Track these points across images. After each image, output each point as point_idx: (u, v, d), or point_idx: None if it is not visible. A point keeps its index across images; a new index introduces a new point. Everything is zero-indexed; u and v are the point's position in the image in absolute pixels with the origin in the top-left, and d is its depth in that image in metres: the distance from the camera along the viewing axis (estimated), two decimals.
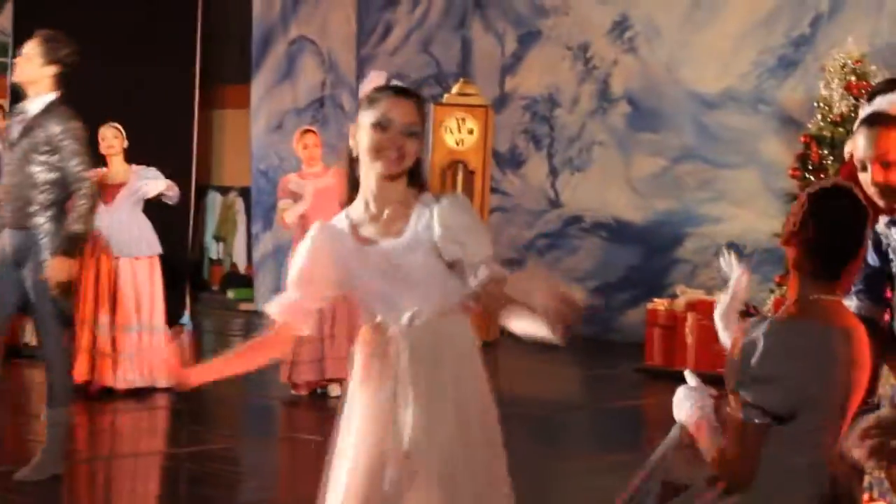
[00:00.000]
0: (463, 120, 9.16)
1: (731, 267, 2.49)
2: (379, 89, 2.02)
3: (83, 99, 5.64)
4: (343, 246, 1.98)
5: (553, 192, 10.34)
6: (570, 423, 7.39)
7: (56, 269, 4.35)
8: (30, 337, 7.42)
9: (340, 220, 2.05)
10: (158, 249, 7.23)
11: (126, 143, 7.11)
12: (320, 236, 2.01)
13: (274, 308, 2.03)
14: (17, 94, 5.71)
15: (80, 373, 6.30)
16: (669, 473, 2.27)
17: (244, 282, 11.20)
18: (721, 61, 9.45)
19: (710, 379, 2.43)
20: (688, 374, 2.36)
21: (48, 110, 4.38)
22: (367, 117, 1.94)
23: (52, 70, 4.44)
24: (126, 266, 7.03)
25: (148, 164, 7.13)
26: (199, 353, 8.41)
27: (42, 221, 4.45)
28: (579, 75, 10.09)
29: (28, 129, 4.37)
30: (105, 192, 6.79)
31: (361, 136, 1.93)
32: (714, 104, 9.41)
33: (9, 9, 10.97)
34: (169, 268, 7.88)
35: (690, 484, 2.24)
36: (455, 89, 9.35)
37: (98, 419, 6.40)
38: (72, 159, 4.39)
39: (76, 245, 4.55)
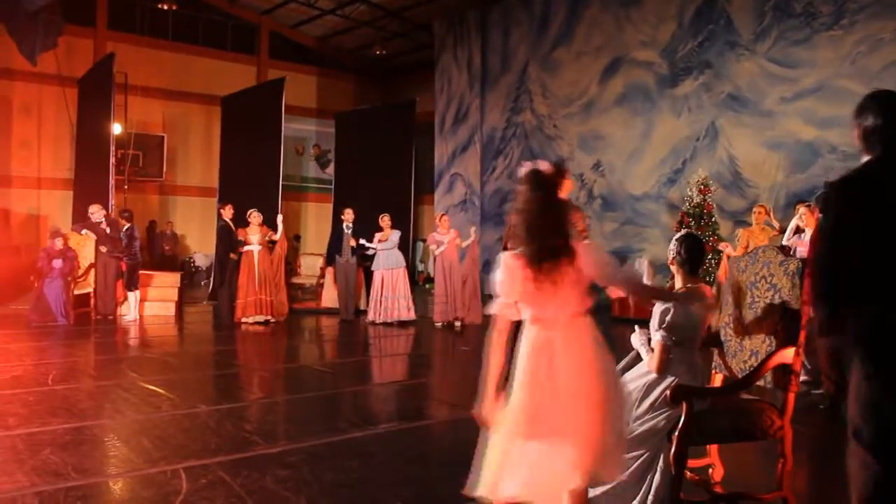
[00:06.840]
0: None
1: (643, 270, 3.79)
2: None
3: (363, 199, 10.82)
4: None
5: None
6: None
7: None
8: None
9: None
10: (404, 264, 10.78)
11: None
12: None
13: (495, 308, 2.35)
14: None
15: None
16: (630, 368, 3.16)
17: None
18: (643, 179, 13.25)
19: (644, 322, 3.09)
20: (636, 327, 3.10)
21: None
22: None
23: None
24: (388, 273, 10.43)
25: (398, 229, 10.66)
26: None
27: None
28: (579, 187, 13.99)
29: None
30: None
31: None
32: (640, 199, 13.31)
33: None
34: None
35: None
36: None
37: None
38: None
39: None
